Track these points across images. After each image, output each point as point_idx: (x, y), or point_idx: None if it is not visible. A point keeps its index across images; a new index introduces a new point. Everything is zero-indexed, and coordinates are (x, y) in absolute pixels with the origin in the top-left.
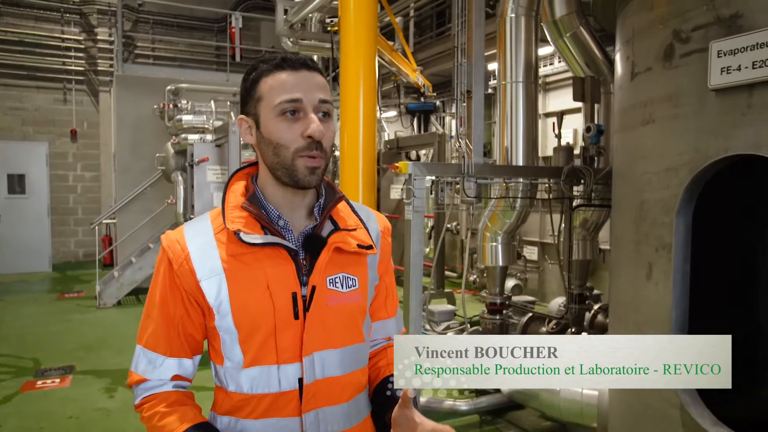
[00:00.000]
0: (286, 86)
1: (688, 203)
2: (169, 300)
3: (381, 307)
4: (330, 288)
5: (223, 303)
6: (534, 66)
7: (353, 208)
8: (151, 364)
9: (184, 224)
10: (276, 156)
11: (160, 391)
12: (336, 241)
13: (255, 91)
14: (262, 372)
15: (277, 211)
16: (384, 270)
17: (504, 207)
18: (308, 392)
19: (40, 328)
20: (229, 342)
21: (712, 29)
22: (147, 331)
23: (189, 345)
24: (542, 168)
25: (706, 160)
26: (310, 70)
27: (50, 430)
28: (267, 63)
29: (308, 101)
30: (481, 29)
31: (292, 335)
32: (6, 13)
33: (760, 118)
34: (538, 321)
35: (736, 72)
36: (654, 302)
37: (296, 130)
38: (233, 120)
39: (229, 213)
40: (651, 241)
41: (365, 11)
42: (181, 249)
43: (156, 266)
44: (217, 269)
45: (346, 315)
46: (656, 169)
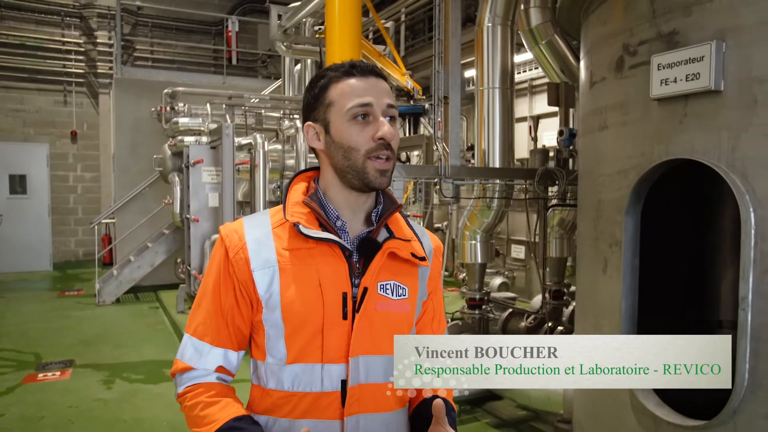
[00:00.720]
0: (357, 91)
1: (636, 203)
2: (222, 289)
3: (428, 326)
4: (380, 293)
5: (273, 296)
6: (510, 72)
7: (408, 221)
8: (198, 352)
9: (243, 217)
10: (347, 159)
11: (204, 381)
12: (391, 246)
13: (324, 97)
14: (305, 370)
15: (336, 212)
16: (433, 288)
17: (482, 207)
18: (352, 396)
19: (41, 325)
20: (274, 337)
21: (655, 44)
22: (196, 320)
23: (236, 337)
24: (516, 169)
25: (650, 164)
26: (377, 77)
27: (51, 418)
28: (336, 70)
29: (378, 105)
30: (457, 39)
31: (339, 335)
32: (7, 16)
33: (694, 126)
34: (517, 316)
35: (673, 84)
36: (609, 294)
37: (367, 133)
38: (227, 123)
39: (290, 207)
40: (606, 238)
41: (349, 19)
42: (239, 238)
43: (211, 256)
44: (272, 261)
45: (394, 322)
46: (610, 172)
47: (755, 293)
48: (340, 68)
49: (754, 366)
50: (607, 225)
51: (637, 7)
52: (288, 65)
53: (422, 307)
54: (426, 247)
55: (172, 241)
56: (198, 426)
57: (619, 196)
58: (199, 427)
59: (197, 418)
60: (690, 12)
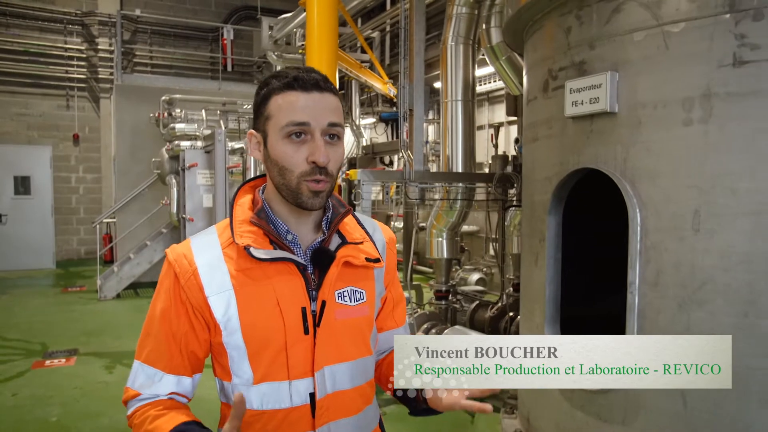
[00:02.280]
0: (295, 108)
1: (558, 204)
2: (173, 315)
3: (389, 317)
4: (338, 302)
5: (232, 319)
6: (471, 86)
7: (359, 220)
8: (149, 379)
9: (190, 238)
10: (281, 177)
11: (152, 401)
12: (344, 255)
13: (265, 109)
14: (273, 388)
15: (285, 226)
16: (390, 281)
17: (446, 207)
18: (321, 407)
19: (46, 318)
20: (238, 358)
21: (569, 71)
22: (146, 348)
23: (190, 363)
24: (476, 174)
25: (566, 172)
26: (321, 92)
27: (59, 396)
28: (279, 80)
29: (316, 125)
30: (421, 57)
31: (303, 350)
32: (12, 24)
33: (597, 141)
34: (483, 307)
35: (581, 105)
36: (538, 283)
37: (301, 154)
38: (220, 129)
39: (238, 227)
40: (537, 234)
41: (326, 33)
42: (189, 263)
43: (160, 281)
44: (226, 285)
45: (355, 328)
46: (540, 177)
47: (641, 279)
48: (282, 78)
49: None
50: (537, 223)
51: (557, 39)
52: None
53: (380, 302)
54: (378, 243)
55: (170, 240)
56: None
57: (545, 199)
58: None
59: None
60: (594, 46)
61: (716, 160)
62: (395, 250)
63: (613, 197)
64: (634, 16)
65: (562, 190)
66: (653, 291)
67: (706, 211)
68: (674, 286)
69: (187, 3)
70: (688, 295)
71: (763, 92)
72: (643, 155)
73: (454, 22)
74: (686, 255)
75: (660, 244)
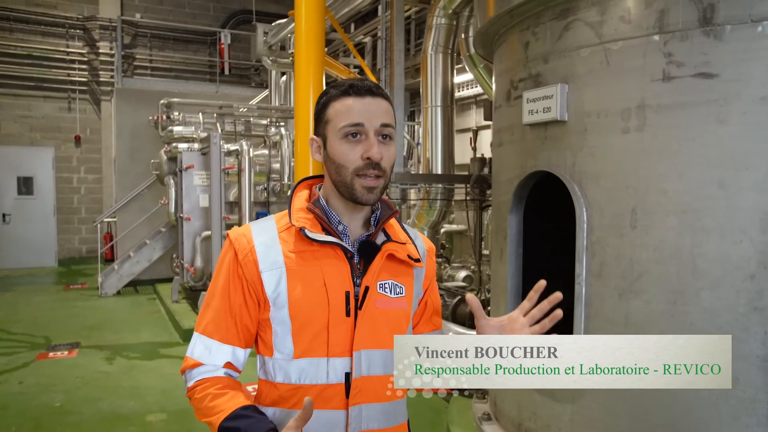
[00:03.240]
0: (351, 111)
1: (518, 204)
2: (231, 289)
3: (428, 322)
4: (380, 292)
5: (281, 295)
6: (450, 92)
7: (403, 226)
8: (207, 349)
9: (250, 222)
10: (338, 174)
11: (212, 375)
12: (389, 249)
13: (324, 114)
14: (312, 363)
15: (338, 217)
16: (428, 286)
17: (426, 207)
18: (355, 387)
19: (49, 313)
20: (282, 334)
21: (527, 82)
22: (205, 319)
23: (243, 335)
24: (453, 175)
25: (525, 174)
26: (374, 96)
27: (62, 385)
28: (336, 89)
29: (370, 125)
30: (401, 66)
31: (343, 331)
32: (16, 29)
33: (550, 146)
34: (465, 302)
35: (536, 114)
36: (503, 276)
37: (357, 152)
38: (216, 132)
39: (295, 213)
40: (502, 232)
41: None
42: (247, 242)
43: (220, 258)
44: (279, 263)
45: (393, 319)
46: (504, 179)
47: (587, 271)
48: (339, 87)
49: (587, 325)
50: (502, 222)
51: (518, 52)
52: (274, 77)
53: (419, 304)
54: (420, 249)
55: (168, 239)
56: (207, 416)
57: (508, 199)
58: (208, 416)
59: (206, 408)
60: (548, 60)
61: (649, 164)
62: (435, 260)
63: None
64: (581, 35)
65: (522, 191)
66: (598, 282)
67: (642, 210)
68: (615, 278)
69: (186, 7)
70: (627, 285)
71: (688, 104)
72: (588, 159)
73: (434, 32)
74: (625, 249)
75: (603, 239)
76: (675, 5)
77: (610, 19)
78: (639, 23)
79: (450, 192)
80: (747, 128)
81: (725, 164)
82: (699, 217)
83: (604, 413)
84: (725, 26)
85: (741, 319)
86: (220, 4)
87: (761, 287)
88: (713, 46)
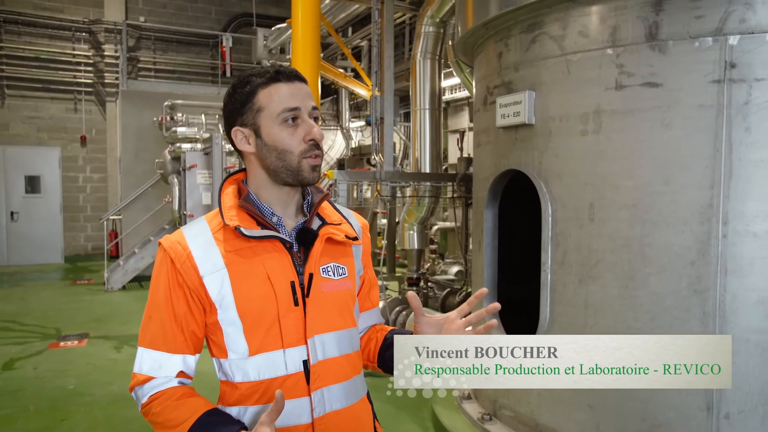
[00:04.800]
0: (285, 96)
1: (493, 200)
2: (173, 298)
3: (366, 298)
4: (323, 276)
5: (226, 297)
6: (438, 96)
7: (335, 206)
8: (156, 362)
9: (181, 227)
10: (281, 160)
11: (166, 388)
12: (326, 232)
13: (252, 102)
14: (268, 358)
15: (270, 208)
16: (366, 262)
17: (415, 204)
18: (314, 372)
19: (58, 307)
20: (233, 334)
21: (500, 89)
22: (149, 332)
23: (192, 342)
24: (441, 174)
25: (498, 172)
26: (301, 81)
27: (74, 370)
28: (261, 76)
29: (304, 108)
30: (391, 71)
31: (294, 320)
32: (24, 32)
33: (521, 147)
34: (453, 294)
35: (508, 117)
36: (481, 266)
37: (298, 136)
38: (218, 133)
39: (227, 212)
40: (479, 226)
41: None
42: (183, 248)
43: (156, 269)
44: (219, 264)
45: (340, 300)
46: (482, 177)
47: (552, 260)
48: (265, 74)
49: (552, 308)
50: (480, 216)
51: (492, 62)
52: None
53: (360, 279)
54: (355, 226)
55: None
56: (171, 428)
57: (485, 196)
58: (172, 429)
59: (168, 421)
60: (518, 69)
61: (605, 163)
62: (369, 234)
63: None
64: (546, 47)
65: (496, 188)
66: (561, 269)
67: (598, 204)
68: (576, 265)
69: (189, 11)
70: (586, 272)
71: (637, 111)
72: (553, 159)
73: (423, 40)
74: (584, 239)
75: (566, 231)
76: (625, 22)
77: (570, 34)
78: (595, 37)
79: (438, 190)
80: (687, 132)
81: (669, 164)
82: (647, 210)
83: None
84: (668, 41)
85: (683, 300)
86: (221, 7)
87: (700, 272)
88: (658, 59)
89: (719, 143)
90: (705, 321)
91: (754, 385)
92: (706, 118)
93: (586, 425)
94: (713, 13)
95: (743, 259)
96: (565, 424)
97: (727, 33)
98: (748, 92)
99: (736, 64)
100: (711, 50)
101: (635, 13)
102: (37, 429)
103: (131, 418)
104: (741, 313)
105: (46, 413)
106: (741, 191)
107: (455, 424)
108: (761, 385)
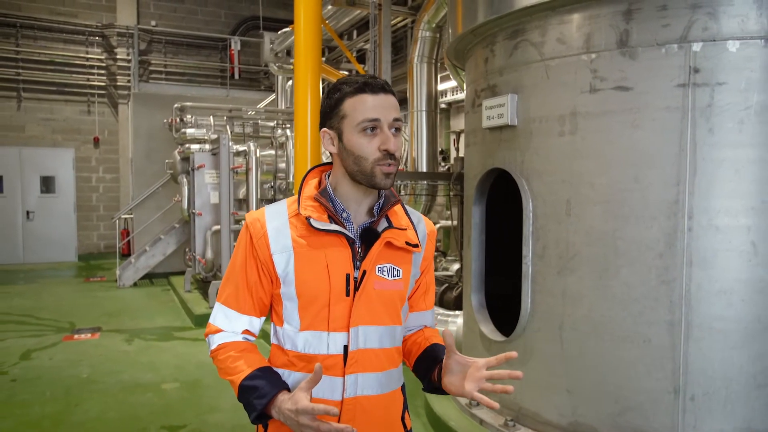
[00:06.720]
0: (368, 107)
1: (480, 197)
2: (248, 267)
3: (420, 300)
4: (378, 275)
5: (289, 275)
6: (434, 98)
7: (407, 211)
8: (227, 318)
9: (265, 207)
10: (357, 165)
11: (232, 341)
12: (388, 236)
13: (339, 109)
14: (315, 336)
15: (342, 205)
16: (426, 267)
17: (412, 202)
18: (351, 358)
19: (72, 302)
20: (290, 308)
21: (486, 92)
22: (226, 291)
23: (258, 306)
24: (436, 173)
25: (485, 171)
26: (386, 93)
27: (88, 360)
28: (350, 85)
29: (385, 120)
30: (388, 75)
31: (342, 309)
32: (40, 37)
33: (505, 147)
34: (451, 289)
35: (493, 119)
36: (470, 260)
37: (374, 144)
38: (225, 135)
39: (303, 201)
40: (469, 222)
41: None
42: (261, 226)
43: (239, 239)
44: (288, 247)
45: (388, 299)
46: (471, 176)
47: (532, 253)
48: (353, 84)
49: (533, 299)
50: (469, 213)
51: (480, 66)
52: (281, 81)
53: (415, 283)
54: (420, 233)
55: (182, 234)
56: (229, 375)
57: (474, 193)
58: (230, 375)
59: (228, 369)
60: (502, 73)
61: (580, 162)
62: (435, 242)
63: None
64: (527, 53)
65: (483, 186)
66: (541, 262)
67: (575, 201)
68: (555, 258)
69: (199, 14)
70: (563, 264)
71: (610, 113)
72: (534, 158)
73: (420, 44)
74: (562, 234)
75: (545, 226)
76: (598, 30)
77: (549, 41)
78: (571, 44)
79: (434, 188)
80: (655, 133)
81: (639, 162)
82: (619, 206)
83: (547, 373)
84: (637, 48)
85: (652, 291)
86: (231, 11)
87: (667, 264)
88: (629, 64)
89: (684, 143)
90: (672, 309)
91: (718, 369)
92: (672, 119)
93: (564, 408)
94: (678, 22)
95: (707, 252)
96: (545, 408)
97: (691, 40)
98: (710, 95)
99: (699, 69)
100: (676, 56)
101: (607, 21)
102: (53, 413)
103: (140, 404)
104: (705, 302)
105: (61, 399)
106: (705, 188)
107: (446, 410)
108: (724, 369)
